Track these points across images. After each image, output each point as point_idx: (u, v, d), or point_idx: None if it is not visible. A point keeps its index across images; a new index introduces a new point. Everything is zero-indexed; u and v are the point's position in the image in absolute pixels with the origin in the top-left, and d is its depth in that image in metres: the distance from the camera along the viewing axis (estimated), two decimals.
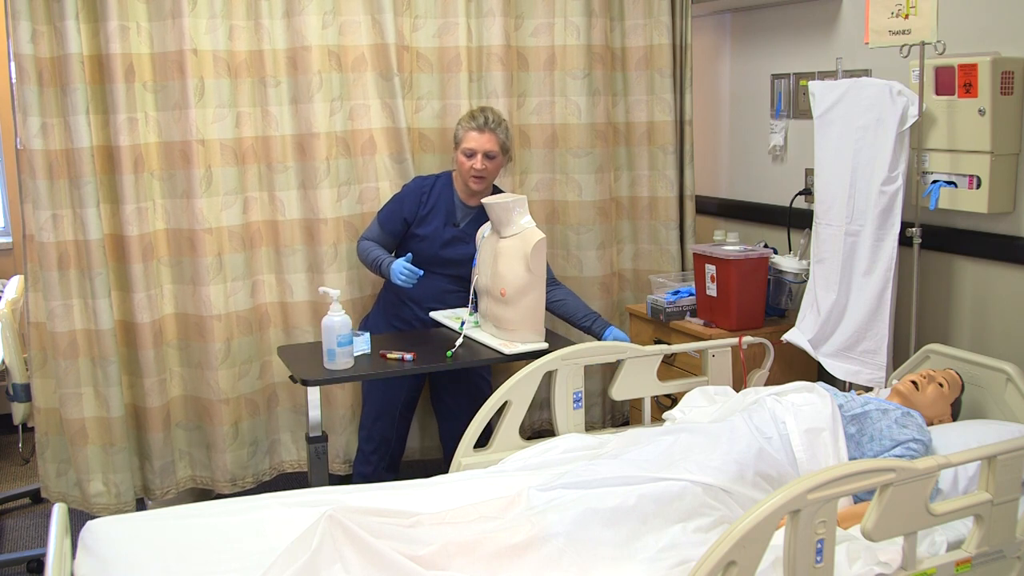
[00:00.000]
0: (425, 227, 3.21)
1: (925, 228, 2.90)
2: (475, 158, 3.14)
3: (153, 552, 2.10)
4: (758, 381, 3.06)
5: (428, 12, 3.44)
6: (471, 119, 3.19)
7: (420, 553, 1.97)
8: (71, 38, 2.92)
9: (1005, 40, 2.78)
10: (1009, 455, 2.05)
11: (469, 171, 3.16)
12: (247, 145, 3.27)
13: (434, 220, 3.22)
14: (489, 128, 3.16)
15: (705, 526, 2.10)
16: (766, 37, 3.77)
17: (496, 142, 3.17)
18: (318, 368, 2.82)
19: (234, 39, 3.20)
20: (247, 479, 3.38)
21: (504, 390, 2.73)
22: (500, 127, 3.20)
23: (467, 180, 3.18)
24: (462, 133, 3.19)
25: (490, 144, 3.16)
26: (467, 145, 3.15)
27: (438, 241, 3.22)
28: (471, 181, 3.18)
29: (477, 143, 3.15)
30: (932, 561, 2.02)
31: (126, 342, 3.19)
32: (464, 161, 3.16)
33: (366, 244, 3.23)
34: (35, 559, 3.28)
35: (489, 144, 3.16)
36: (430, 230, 3.22)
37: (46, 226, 3.01)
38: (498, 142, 3.18)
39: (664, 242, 3.80)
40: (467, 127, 3.18)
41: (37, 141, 2.97)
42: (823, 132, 3.08)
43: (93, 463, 3.16)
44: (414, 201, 3.22)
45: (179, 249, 3.23)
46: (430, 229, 3.22)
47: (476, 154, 3.14)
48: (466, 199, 3.26)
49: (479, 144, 3.15)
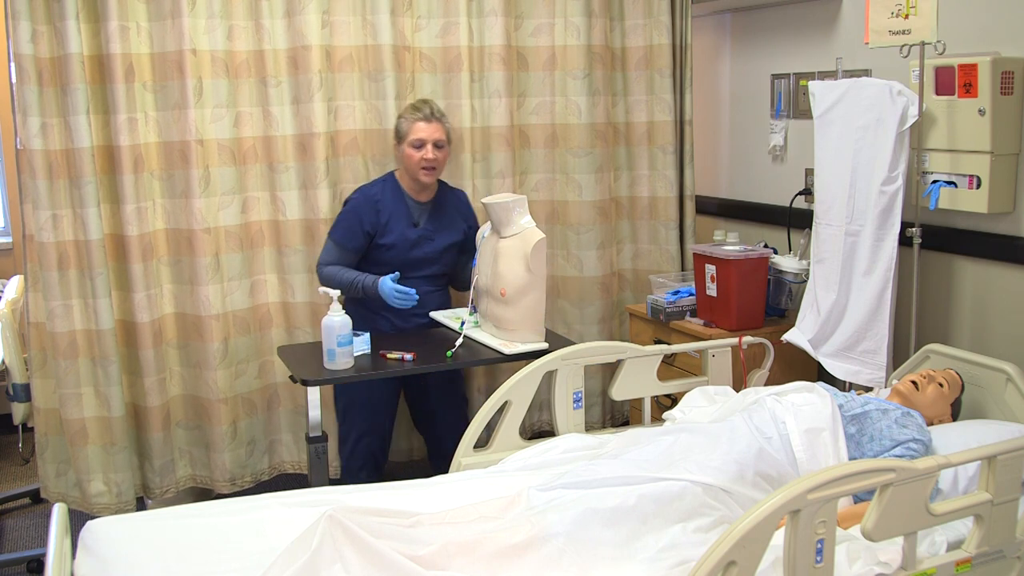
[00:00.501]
0: (389, 235, 3.15)
1: (925, 228, 2.90)
2: (425, 148, 3.10)
3: (153, 552, 2.10)
4: (758, 381, 3.06)
5: (430, 12, 3.44)
6: (415, 111, 3.14)
7: (420, 553, 1.97)
8: (71, 38, 2.92)
9: (1005, 40, 2.78)
10: (1009, 455, 2.05)
11: (419, 162, 3.11)
12: (248, 145, 3.27)
13: (396, 226, 3.16)
14: (435, 118, 3.14)
15: (705, 526, 2.10)
16: (766, 37, 3.77)
17: (443, 131, 3.15)
18: (318, 368, 2.82)
19: (234, 39, 3.20)
20: (246, 479, 3.38)
21: (504, 390, 2.73)
22: (444, 117, 3.19)
23: (416, 173, 3.13)
24: (407, 125, 3.13)
25: (438, 133, 3.13)
26: (416, 136, 3.10)
27: (406, 245, 3.17)
28: (421, 173, 3.13)
29: (426, 133, 3.11)
30: (932, 561, 2.02)
31: (126, 342, 3.19)
32: (413, 153, 3.11)
33: (331, 269, 3.14)
34: (35, 559, 3.28)
35: (438, 133, 3.13)
36: (395, 237, 3.16)
37: (46, 226, 3.01)
38: (444, 131, 3.16)
39: (664, 242, 3.80)
40: (413, 118, 3.13)
41: (37, 141, 2.97)
42: (823, 132, 3.08)
43: (93, 463, 3.16)
44: (370, 212, 3.14)
45: (178, 249, 3.23)
46: (395, 236, 3.16)
47: (426, 144, 3.10)
48: (416, 195, 3.21)
49: (428, 134, 3.11)
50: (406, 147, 3.14)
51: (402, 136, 3.16)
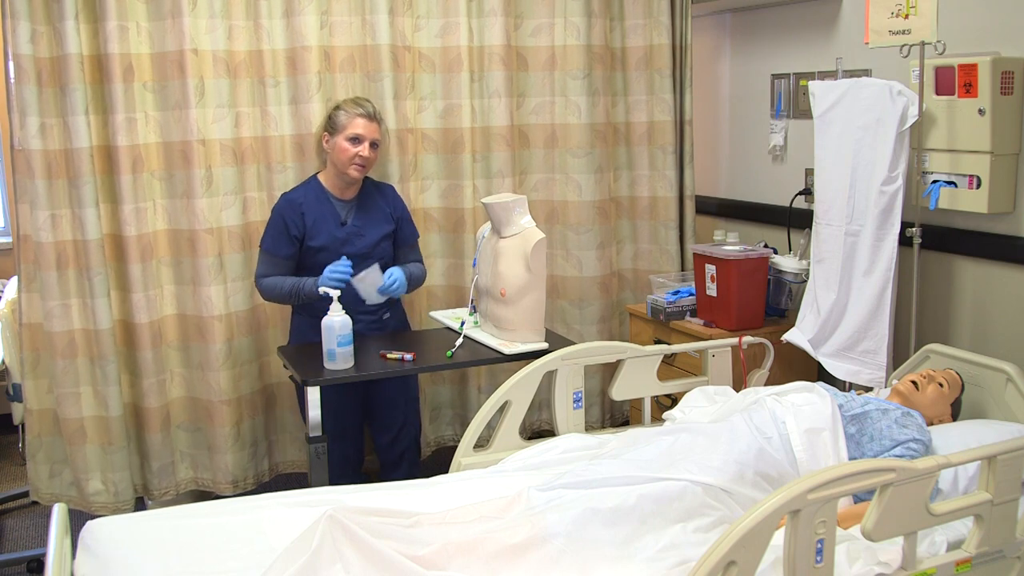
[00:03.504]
0: (318, 237, 3.08)
1: (925, 228, 2.90)
2: (362, 145, 3.04)
3: (153, 552, 2.10)
4: (758, 381, 3.06)
5: (430, 12, 3.44)
6: (357, 106, 3.08)
7: (420, 553, 1.97)
8: (70, 38, 2.92)
9: (1005, 40, 2.78)
10: (1009, 455, 2.05)
11: (353, 158, 3.04)
12: (246, 145, 3.27)
13: (323, 227, 3.09)
14: (376, 118, 3.09)
15: (705, 526, 2.10)
16: (766, 37, 3.77)
17: (380, 132, 3.11)
18: (318, 368, 2.82)
19: (233, 39, 3.20)
20: (248, 480, 3.38)
21: (504, 390, 2.73)
22: (383, 120, 3.15)
23: (347, 167, 3.05)
24: (347, 119, 3.05)
25: (376, 133, 3.08)
26: (355, 131, 3.03)
27: (336, 244, 3.09)
28: (352, 168, 3.05)
29: (366, 130, 3.05)
30: (932, 561, 2.02)
31: (125, 342, 3.19)
32: (348, 147, 3.03)
33: (269, 280, 3.06)
34: (35, 559, 3.28)
35: (375, 133, 3.08)
36: (324, 238, 3.08)
37: (45, 226, 3.01)
38: (381, 133, 3.12)
39: (664, 242, 3.80)
40: (354, 113, 3.06)
41: (36, 141, 2.96)
42: (823, 132, 3.08)
43: (91, 462, 3.16)
44: (294, 217, 3.07)
45: (179, 249, 3.23)
46: (324, 237, 3.08)
47: (364, 141, 3.05)
48: (341, 194, 3.13)
49: (368, 131, 3.05)
50: (341, 139, 3.05)
51: (338, 128, 3.06)
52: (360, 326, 3.04)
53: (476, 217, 3.54)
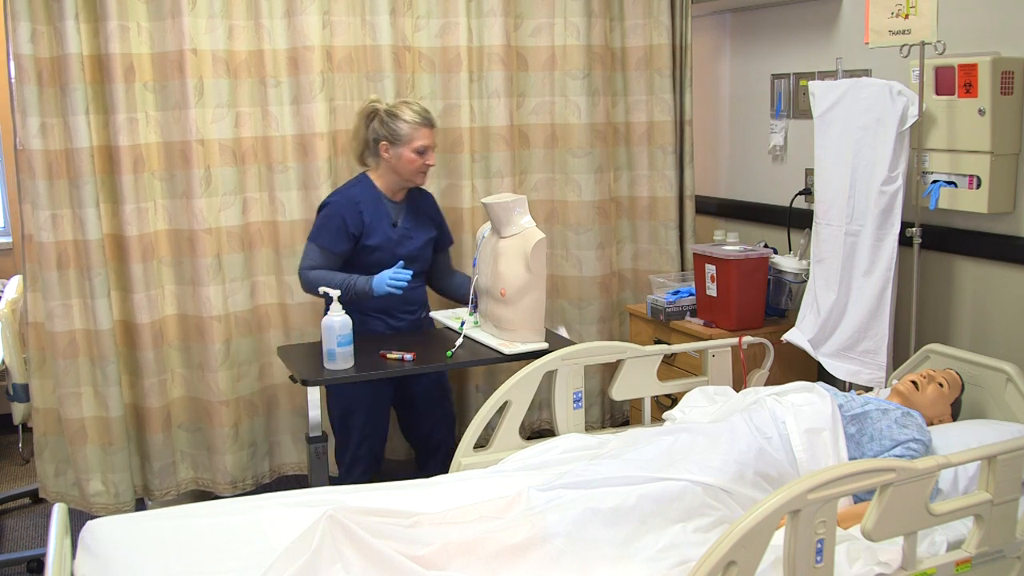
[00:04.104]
0: (375, 236, 3.12)
1: (925, 228, 2.90)
2: (427, 154, 3.10)
3: (153, 552, 2.10)
4: (758, 381, 3.06)
5: (429, 12, 3.44)
6: (420, 116, 3.10)
7: (420, 553, 1.97)
8: (71, 38, 2.92)
9: (1005, 40, 2.78)
10: (1009, 455, 2.05)
11: (421, 168, 3.10)
12: (247, 145, 3.27)
13: (378, 227, 3.13)
14: (434, 124, 3.15)
15: (705, 526, 2.10)
16: (766, 37, 3.77)
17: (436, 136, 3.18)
18: (318, 368, 2.82)
19: (234, 39, 3.20)
20: (247, 481, 3.38)
21: (504, 390, 2.73)
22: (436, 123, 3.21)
23: (414, 176, 3.12)
24: (411, 130, 3.07)
25: (435, 138, 3.16)
26: (422, 143, 3.08)
27: (391, 245, 3.14)
28: (418, 176, 3.12)
29: (430, 140, 3.11)
30: (932, 561, 2.02)
31: (126, 342, 3.19)
32: (415, 158, 3.08)
33: (316, 273, 3.07)
34: (35, 559, 3.28)
35: (434, 138, 3.16)
36: (380, 237, 3.13)
37: (45, 226, 3.01)
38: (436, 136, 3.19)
39: (664, 242, 3.80)
40: (418, 124, 3.09)
41: (36, 141, 2.96)
42: (823, 132, 3.08)
43: (92, 463, 3.15)
44: (353, 214, 3.10)
45: (179, 249, 3.23)
46: (379, 236, 3.13)
47: (428, 150, 3.11)
48: (392, 195, 3.18)
49: (431, 140, 3.12)
50: (406, 151, 3.09)
51: (401, 139, 3.09)
52: (403, 324, 3.20)
53: (475, 217, 3.54)
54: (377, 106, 3.13)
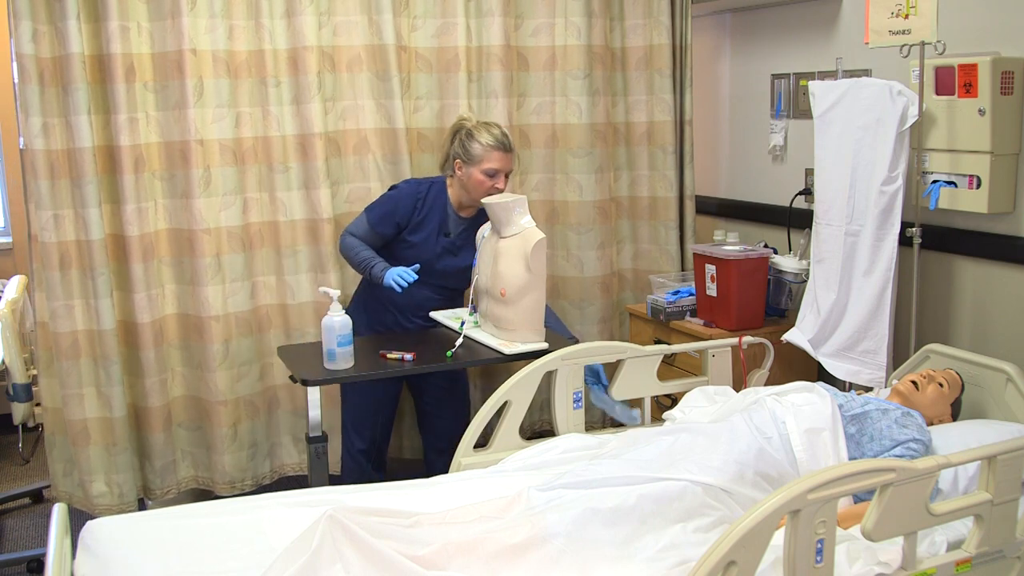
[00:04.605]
0: (418, 234, 3.16)
1: (925, 228, 2.90)
2: (498, 178, 3.11)
3: (153, 552, 2.10)
4: (758, 381, 3.06)
5: (427, 12, 3.44)
6: (495, 139, 3.10)
7: (420, 553, 1.97)
8: (72, 38, 2.92)
9: (1005, 40, 2.78)
10: (1009, 455, 2.05)
11: (489, 190, 3.11)
12: (247, 145, 3.27)
13: (427, 227, 3.17)
14: (511, 149, 3.15)
15: (705, 526, 2.10)
16: (766, 37, 3.77)
17: (512, 160, 3.17)
18: (318, 368, 2.82)
19: (234, 39, 3.20)
20: (246, 481, 3.38)
21: (504, 390, 2.73)
22: (513, 146, 3.19)
23: (480, 196, 3.11)
24: (483, 152, 3.09)
25: (511, 163, 3.16)
26: (492, 166, 3.09)
27: (429, 250, 3.17)
28: (485, 197, 3.10)
29: (502, 164, 3.11)
30: (932, 561, 2.02)
31: (127, 342, 3.19)
32: (484, 180, 3.10)
33: (353, 241, 3.14)
34: (35, 559, 3.28)
35: (511, 163, 3.15)
36: (422, 237, 3.17)
37: (48, 226, 3.01)
38: (513, 160, 3.18)
39: (664, 242, 3.80)
40: (491, 146, 3.09)
41: (39, 141, 2.97)
42: (823, 132, 3.08)
43: (96, 463, 3.15)
44: (409, 206, 3.15)
45: (179, 249, 3.23)
46: (422, 236, 3.16)
47: (500, 174, 3.11)
48: (459, 209, 3.22)
49: (504, 165, 3.11)
50: (476, 171, 3.10)
51: (473, 159, 3.10)
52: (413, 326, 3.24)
53: None
54: (464, 123, 3.17)
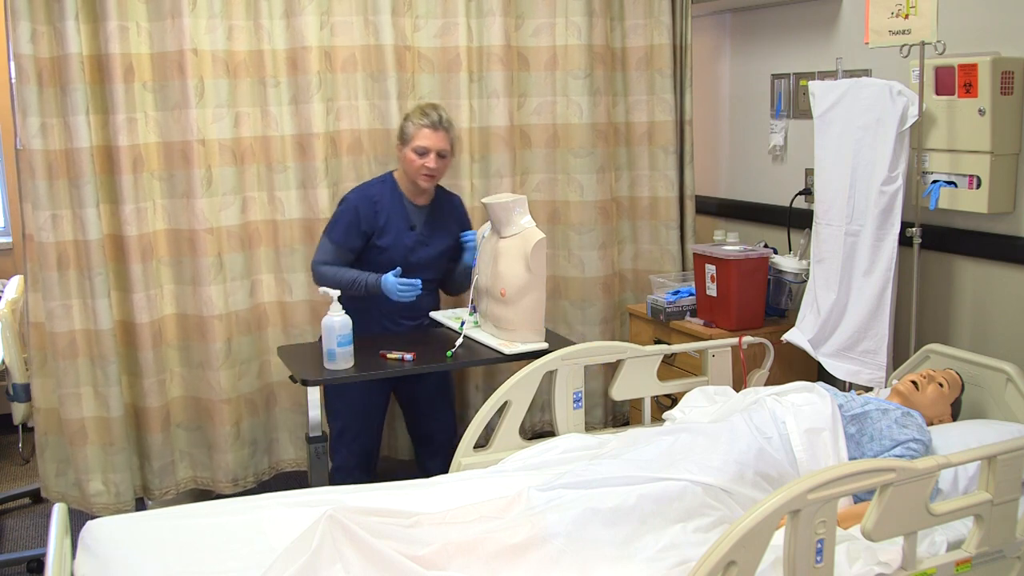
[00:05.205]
0: (387, 237, 3.12)
1: (925, 228, 2.90)
2: (428, 156, 3.06)
3: (153, 552, 2.10)
4: (758, 381, 3.06)
5: (429, 12, 3.44)
6: (423, 116, 3.08)
7: (420, 553, 1.97)
8: (71, 38, 2.92)
9: (1005, 40, 2.78)
10: (1009, 455, 2.05)
11: (420, 169, 3.07)
12: (246, 145, 3.27)
13: (393, 228, 3.12)
14: (443, 127, 3.09)
15: (705, 526, 2.10)
16: (766, 37, 3.77)
17: (448, 141, 3.11)
18: (318, 368, 2.82)
19: (233, 39, 3.20)
20: (248, 478, 3.38)
21: (504, 390, 2.73)
22: (451, 127, 3.14)
23: (416, 177, 3.09)
24: (413, 130, 3.07)
25: (443, 143, 3.09)
26: (420, 143, 3.06)
27: (403, 249, 3.13)
28: (421, 179, 3.09)
29: (430, 141, 3.06)
30: (932, 561, 2.02)
31: (126, 342, 3.19)
32: (415, 159, 3.07)
33: (327, 268, 3.08)
34: (35, 559, 3.28)
35: (442, 143, 3.09)
36: (392, 239, 3.12)
37: (45, 226, 3.01)
38: (449, 141, 3.12)
39: (664, 242, 3.80)
40: (419, 124, 3.07)
41: (36, 141, 2.96)
42: (823, 132, 3.08)
43: (92, 463, 3.15)
44: (369, 210, 3.10)
45: (179, 249, 3.23)
46: (392, 238, 3.12)
47: (429, 152, 3.06)
48: (414, 198, 3.17)
49: (432, 142, 3.06)
50: (408, 151, 3.09)
51: (406, 139, 3.11)
52: (403, 329, 3.20)
53: (476, 217, 3.54)
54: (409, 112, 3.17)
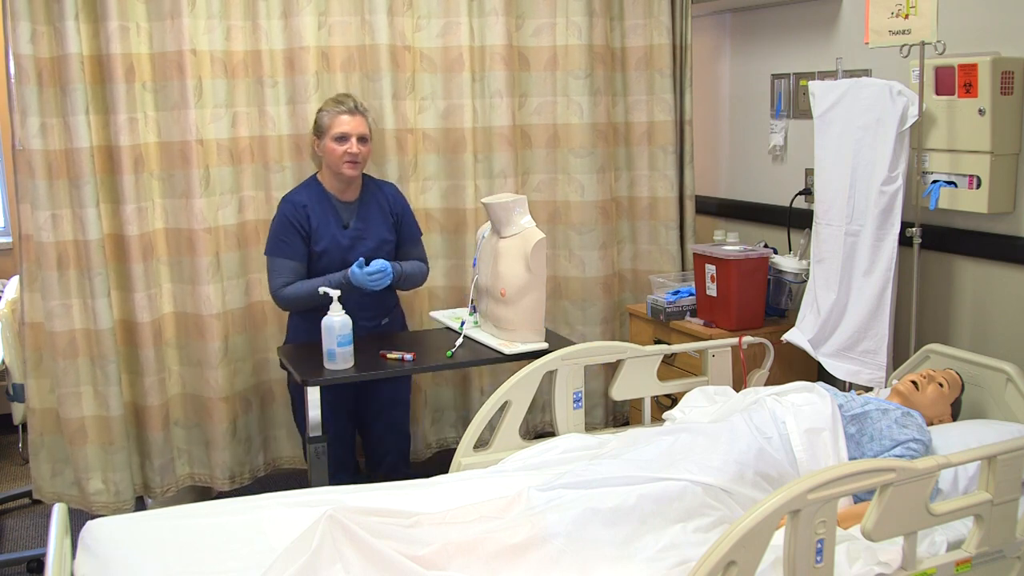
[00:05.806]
0: (322, 241, 3.04)
1: (925, 228, 2.90)
2: (349, 141, 2.99)
3: (153, 552, 2.10)
4: (758, 381, 3.06)
5: (431, 12, 3.44)
6: (338, 104, 3.03)
7: (420, 553, 1.97)
8: (71, 38, 2.92)
9: (1005, 40, 2.78)
10: (1009, 455, 2.05)
11: (343, 156, 2.99)
12: (243, 145, 3.27)
13: (326, 231, 3.05)
14: (359, 111, 3.04)
15: (705, 526, 2.10)
16: (766, 37, 3.77)
17: (366, 125, 3.05)
18: (318, 368, 2.82)
19: (232, 39, 3.20)
20: (245, 475, 3.39)
21: (504, 390, 2.73)
22: (367, 112, 3.09)
23: (340, 167, 3.01)
24: (329, 119, 3.01)
25: (362, 127, 3.03)
26: (340, 130, 2.99)
27: (340, 250, 3.06)
28: (345, 167, 3.01)
29: (350, 127, 3.00)
30: (932, 561, 2.02)
31: (126, 341, 3.19)
32: (336, 148, 2.99)
33: (293, 288, 2.99)
34: (35, 559, 3.28)
35: (361, 127, 3.03)
36: (328, 242, 3.04)
37: (45, 226, 3.01)
38: (367, 125, 3.06)
39: (664, 242, 3.80)
40: (335, 112, 3.01)
41: (36, 141, 2.97)
42: (823, 132, 3.08)
43: (92, 462, 3.16)
44: (300, 220, 3.01)
45: (178, 248, 3.23)
46: (327, 241, 3.04)
47: (350, 137, 2.99)
48: (342, 195, 3.09)
49: (352, 127, 3.00)
50: (328, 142, 3.01)
51: (323, 130, 3.03)
52: (358, 331, 2.97)
53: (478, 218, 3.54)
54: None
